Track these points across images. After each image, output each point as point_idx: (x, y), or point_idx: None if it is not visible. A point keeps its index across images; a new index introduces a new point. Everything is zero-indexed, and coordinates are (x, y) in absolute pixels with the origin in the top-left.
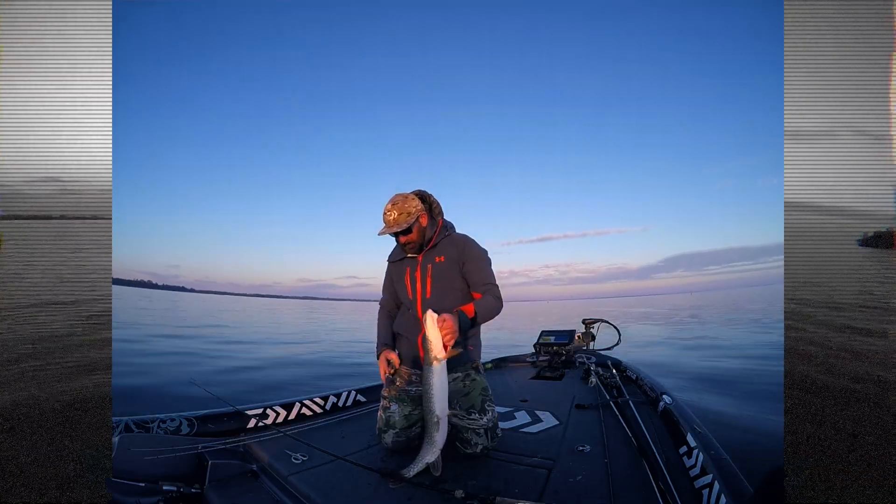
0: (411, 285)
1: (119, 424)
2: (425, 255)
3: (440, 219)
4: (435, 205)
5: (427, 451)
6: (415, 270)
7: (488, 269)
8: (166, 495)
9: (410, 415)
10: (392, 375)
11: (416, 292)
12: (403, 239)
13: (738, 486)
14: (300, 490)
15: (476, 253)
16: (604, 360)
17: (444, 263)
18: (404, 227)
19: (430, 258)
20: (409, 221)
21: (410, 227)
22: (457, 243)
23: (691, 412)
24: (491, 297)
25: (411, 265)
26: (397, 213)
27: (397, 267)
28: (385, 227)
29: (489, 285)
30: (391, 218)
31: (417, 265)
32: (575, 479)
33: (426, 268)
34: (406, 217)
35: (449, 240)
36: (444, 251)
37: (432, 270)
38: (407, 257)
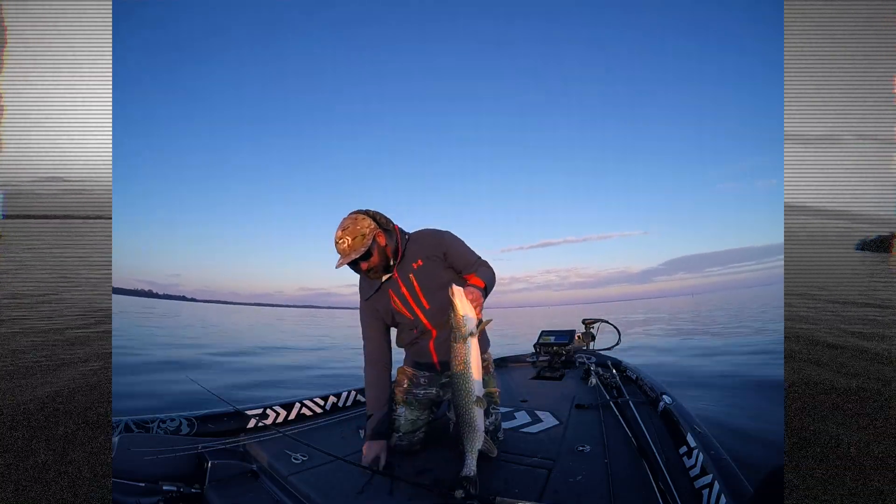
0: (405, 306)
1: (119, 424)
2: (399, 269)
3: (395, 225)
4: (381, 217)
5: (472, 437)
6: (398, 290)
7: (468, 248)
8: (166, 495)
9: (417, 420)
10: (399, 377)
11: (415, 310)
12: (365, 265)
13: (738, 486)
14: (300, 490)
15: (449, 240)
16: (604, 360)
17: (423, 266)
18: (363, 252)
19: (406, 268)
20: (367, 244)
21: (370, 251)
22: (424, 241)
23: (691, 412)
24: (486, 269)
25: (392, 286)
26: (351, 239)
27: (378, 298)
28: (342, 258)
29: (477, 261)
30: (345, 245)
31: (399, 283)
32: (575, 479)
33: (408, 279)
34: (361, 240)
35: (413, 242)
36: (416, 255)
37: (416, 279)
38: (383, 283)
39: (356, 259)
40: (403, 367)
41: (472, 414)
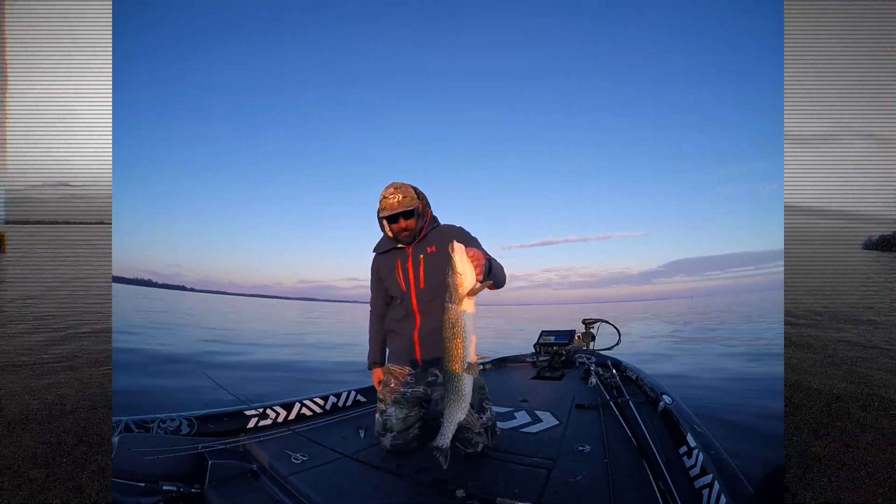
0: (403, 277)
1: (119, 424)
2: (415, 246)
3: (429, 210)
4: (423, 197)
5: (456, 405)
6: (406, 262)
7: (483, 249)
8: (166, 495)
9: (407, 417)
10: (386, 377)
11: (410, 283)
12: (403, 224)
13: (738, 486)
14: (300, 490)
15: (466, 237)
16: (604, 360)
17: (435, 253)
18: (409, 209)
19: (421, 249)
20: (414, 205)
21: (412, 212)
22: (446, 232)
23: (691, 412)
24: (496, 262)
25: (402, 257)
26: (402, 196)
27: (386, 259)
28: (387, 210)
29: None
30: (395, 201)
31: (409, 257)
32: (575, 479)
33: (418, 258)
34: (411, 200)
35: (437, 231)
36: (434, 242)
37: (424, 261)
38: (395, 249)
39: (399, 214)
40: (388, 366)
41: (461, 380)
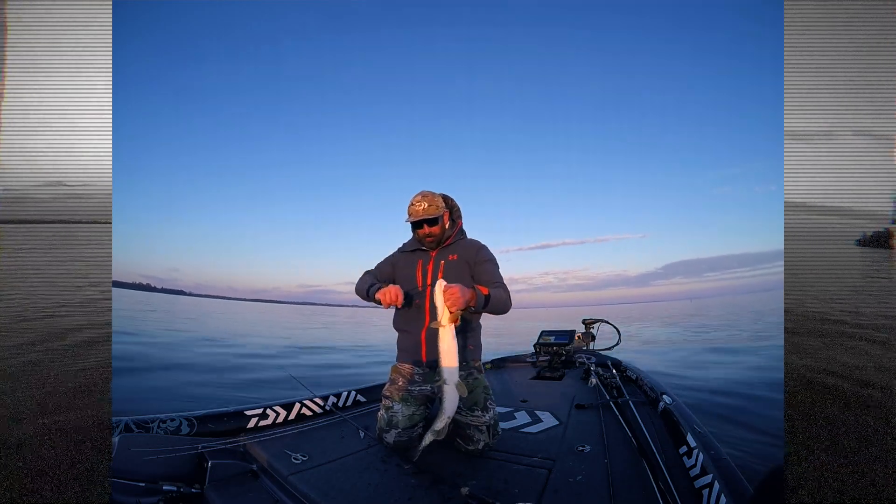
0: (422, 277)
1: (119, 424)
2: (439, 251)
3: (460, 221)
4: (455, 208)
5: (437, 419)
6: (427, 263)
7: (498, 271)
8: (166, 495)
9: (414, 415)
10: (394, 376)
11: (427, 283)
12: (427, 229)
13: (738, 486)
14: (300, 490)
15: (489, 256)
16: (604, 360)
17: (456, 262)
18: (433, 217)
19: (444, 255)
20: (438, 213)
21: (437, 219)
22: (471, 246)
23: (691, 412)
24: (502, 290)
25: (424, 258)
26: (427, 205)
27: (408, 257)
28: (413, 216)
29: (498, 283)
30: (420, 208)
31: (430, 259)
32: (575, 479)
33: (439, 263)
34: (435, 209)
35: (463, 242)
36: (457, 251)
37: (445, 266)
38: (419, 250)
39: (425, 220)
40: (397, 364)
41: (443, 392)
